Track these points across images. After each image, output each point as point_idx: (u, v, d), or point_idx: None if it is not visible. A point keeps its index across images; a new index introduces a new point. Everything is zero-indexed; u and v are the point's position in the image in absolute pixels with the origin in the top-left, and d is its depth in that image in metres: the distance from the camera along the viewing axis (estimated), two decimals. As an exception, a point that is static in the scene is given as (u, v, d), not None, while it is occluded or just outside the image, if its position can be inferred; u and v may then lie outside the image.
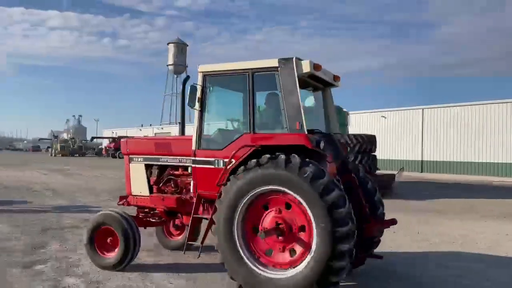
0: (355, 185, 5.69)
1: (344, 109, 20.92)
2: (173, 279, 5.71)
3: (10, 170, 27.77)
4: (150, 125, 74.88)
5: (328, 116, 6.38)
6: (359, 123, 35.27)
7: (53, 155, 65.57)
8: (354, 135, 17.58)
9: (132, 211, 6.75)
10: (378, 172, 18.73)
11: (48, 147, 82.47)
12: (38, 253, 6.89)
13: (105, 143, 69.82)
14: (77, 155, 65.65)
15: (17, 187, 17.05)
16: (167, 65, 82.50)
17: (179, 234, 7.38)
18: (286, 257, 4.92)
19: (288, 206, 4.90)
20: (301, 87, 5.59)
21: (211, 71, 5.79)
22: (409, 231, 9.62)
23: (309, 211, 4.67)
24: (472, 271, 6.49)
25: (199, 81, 5.79)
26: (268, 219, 4.99)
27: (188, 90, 5.68)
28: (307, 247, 4.74)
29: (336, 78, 6.18)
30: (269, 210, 5.01)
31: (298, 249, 4.84)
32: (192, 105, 5.71)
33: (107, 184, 19.55)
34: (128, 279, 5.67)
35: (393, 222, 5.88)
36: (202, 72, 5.81)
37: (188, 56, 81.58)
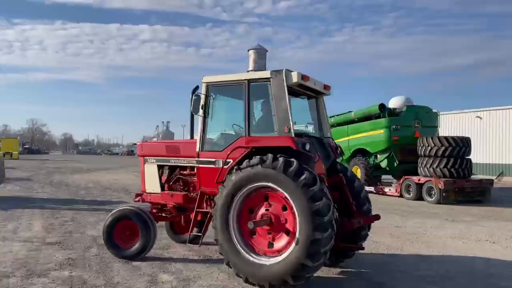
0: (343, 184, 6.29)
1: (434, 110, 19.68)
2: (259, 281, 5.77)
3: (108, 172, 30.35)
4: (233, 129, 77.08)
5: (320, 121, 6.92)
6: (451, 124, 32.97)
7: (145, 159, 70.05)
8: (446, 138, 16.43)
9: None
10: (473, 177, 17.28)
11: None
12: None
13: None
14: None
15: (115, 189, 18.56)
16: (248, 71, 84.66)
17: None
18: (278, 244, 5.44)
19: (274, 199, 5.51)
20: (294, 95, 6.39)
21: (213, 82, 6.44)
22: (496, 241, 8.74)
23: (288, 197, 5.24)
24: None
25: (203, 91, 6.45)
26: (258, 212, 5.59)
27: (193, 99, 6.33)
28: (294, 230, 5.23)
29: (326, 87, 6.68)
30: (259, 205, 5.61)
31: (288, 234, 5.36)
32: (196, 112, 6.39)
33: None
34: (216, 278, 5.86)
35: (376, 217, 6.45)
36: (206, 82, 6.46)
37: (267, 61, 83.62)
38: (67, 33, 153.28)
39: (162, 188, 7.27)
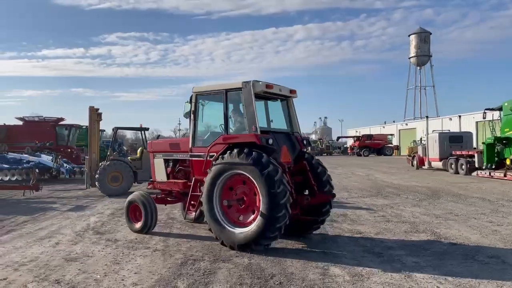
0: (306, 170, 7.71)
1: None
2: (439, 283, 5.38)
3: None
4: (393, 121, 73.22)
5: (290, 119, 8.22)
6: None
7: (305, 154, 71.87)
8: None
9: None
10: None
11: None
12: (304, 241, 7.63)
13: (349, 142, 72.35)
14: (325, 154, 70.17)
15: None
16: (409, 58, 78.65)
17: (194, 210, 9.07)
18: (248, 217, 6.98)
19: (244, 183, 7.06)
20: (268, 99, 8.02)
21: (200, 91, 7.91)
22: None
23: (253, 180, 6.69)
24: None
25: (192, 98, 7.94)
26: (234, 194, 7.17)
27: (184, 106, 8.05)
28: (259, 207, 6.66)
29: (292, 92, 8.04)
30: (235, 188, 7.16)
31: (255, 210, 6.85)
32: (186, 116, 8.03)
33: (356, 181, 20.17)
34: (390, 277, 5.64)
35: (332, 195, 7.81)
36: (195, 92, 7.92)
37: (431, 45, 75.59)
38: (230, 42, 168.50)
39: (168, 177, 8.88)
